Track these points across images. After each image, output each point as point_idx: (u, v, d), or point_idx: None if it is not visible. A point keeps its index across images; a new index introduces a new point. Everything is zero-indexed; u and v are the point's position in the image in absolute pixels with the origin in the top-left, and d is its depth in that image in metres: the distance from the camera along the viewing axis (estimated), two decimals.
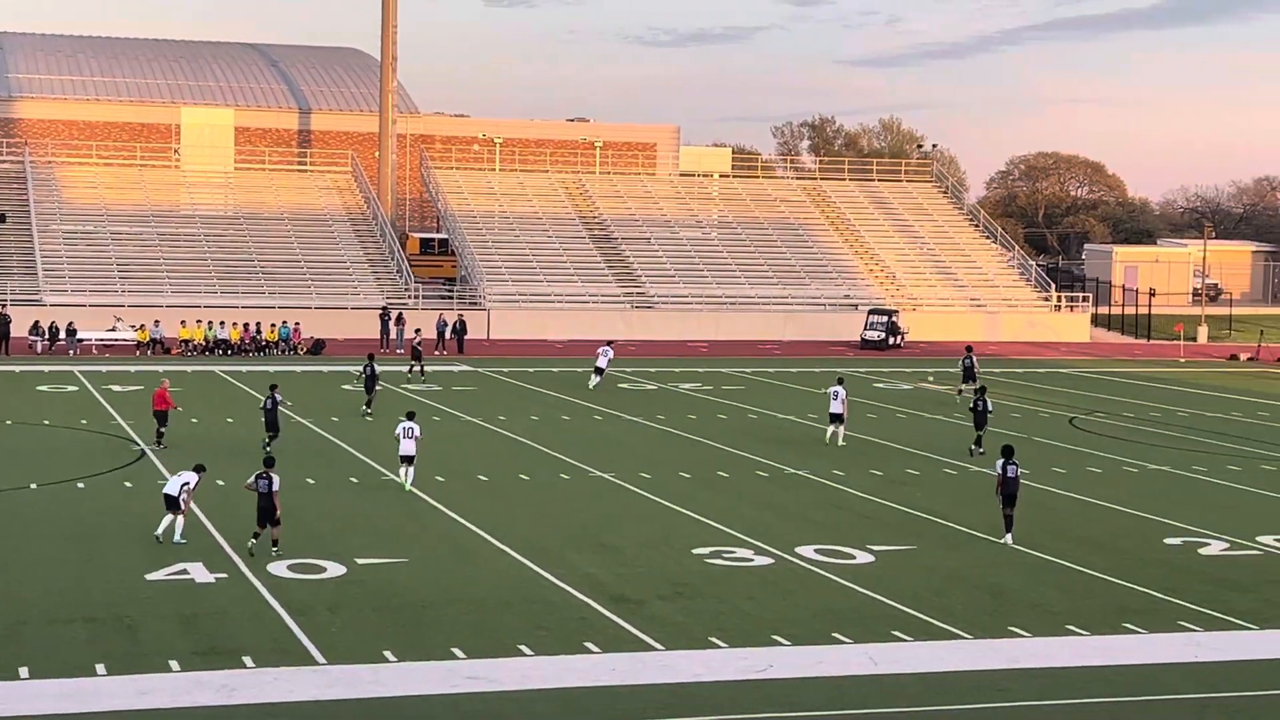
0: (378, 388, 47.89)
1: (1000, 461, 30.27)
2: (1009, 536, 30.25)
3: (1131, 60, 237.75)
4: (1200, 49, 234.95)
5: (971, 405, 43.28)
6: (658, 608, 24.89)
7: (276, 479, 28.18)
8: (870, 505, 34.46)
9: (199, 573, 26.41)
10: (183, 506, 28.66)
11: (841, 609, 25.04)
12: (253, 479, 28.36)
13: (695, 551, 29.09)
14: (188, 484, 28.76)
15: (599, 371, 56.55)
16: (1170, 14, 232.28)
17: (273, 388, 41.02)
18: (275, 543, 27.89)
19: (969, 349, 56.62)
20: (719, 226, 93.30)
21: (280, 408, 40.39)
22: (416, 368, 57.76)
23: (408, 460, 35.06)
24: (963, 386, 53.10)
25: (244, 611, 24.06)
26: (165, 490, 28.99)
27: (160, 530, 28.70)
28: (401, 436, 35.01)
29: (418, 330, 63.45)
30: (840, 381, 44.40)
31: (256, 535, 28.03)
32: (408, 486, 34.96)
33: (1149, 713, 20.45)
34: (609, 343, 59.84)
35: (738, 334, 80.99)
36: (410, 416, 35.89)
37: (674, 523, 31.95)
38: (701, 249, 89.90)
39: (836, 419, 43.33)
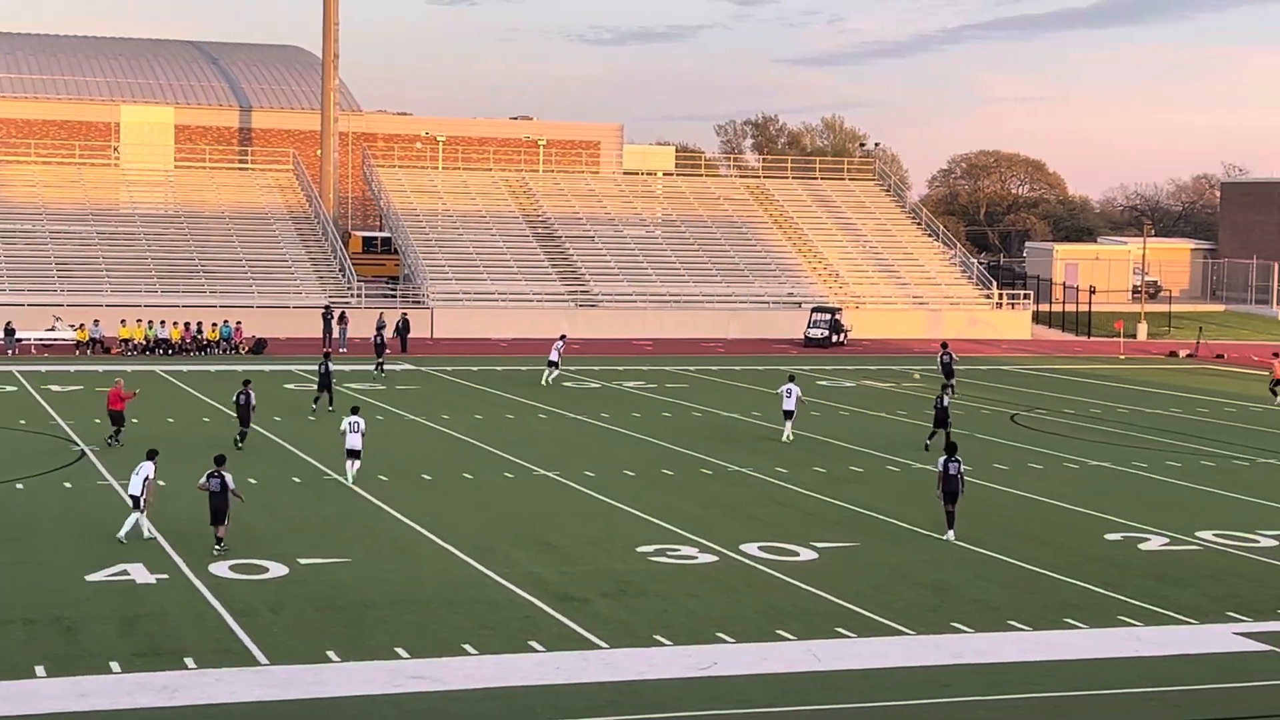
0: (334, 383, 47.72)
1: (942, 459, 30.42)
2: (951, 533, 30.39)
3: (1071, 59, 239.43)
4: (1139, 48, 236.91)
5: (935, 403, 43.53)
6: (602, 606, 24.89)
7: (229, 476, 28.10)
8: (814, 502, 34.56)
9: (139, 573, 26.21)
10: (144, 502, 28.47)
11: (785, 606, 25.11)
12: (205, 478, 28.21)
13: (639, 549, 29.10)
14: (148, 477, 28.63)
15: (553, 365, 57.01)
16: (1109, 13, 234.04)
17: (245, 383, 41.15)
18: (219, 540, 27.76)
19: (944, 345, 56.74)
20: (663, 225, 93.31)
21: (250, 404, 40.60)
22: (380, 363, 58.81)
23: (353, 455, 35.24)
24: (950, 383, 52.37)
25: (185, 612, 23.90)
26: (130, 491, 28.82)
27: (124, 531, 28.44)
28: (348, 431, 35.26)
29: (379, 328, 63.50)
30: (792, 379, 44.76)
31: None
32: (350, 482, 35.01)
33: (1091, 707, 20.59)
34: (561, 337, 60.21)
35: (682, 332, 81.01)
36: (355, 411, 36.07)
37: (618, 521, 31.95)
38: (645, 247, 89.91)
39: (789, 415, 43.70)
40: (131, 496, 28.70)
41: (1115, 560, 29.17)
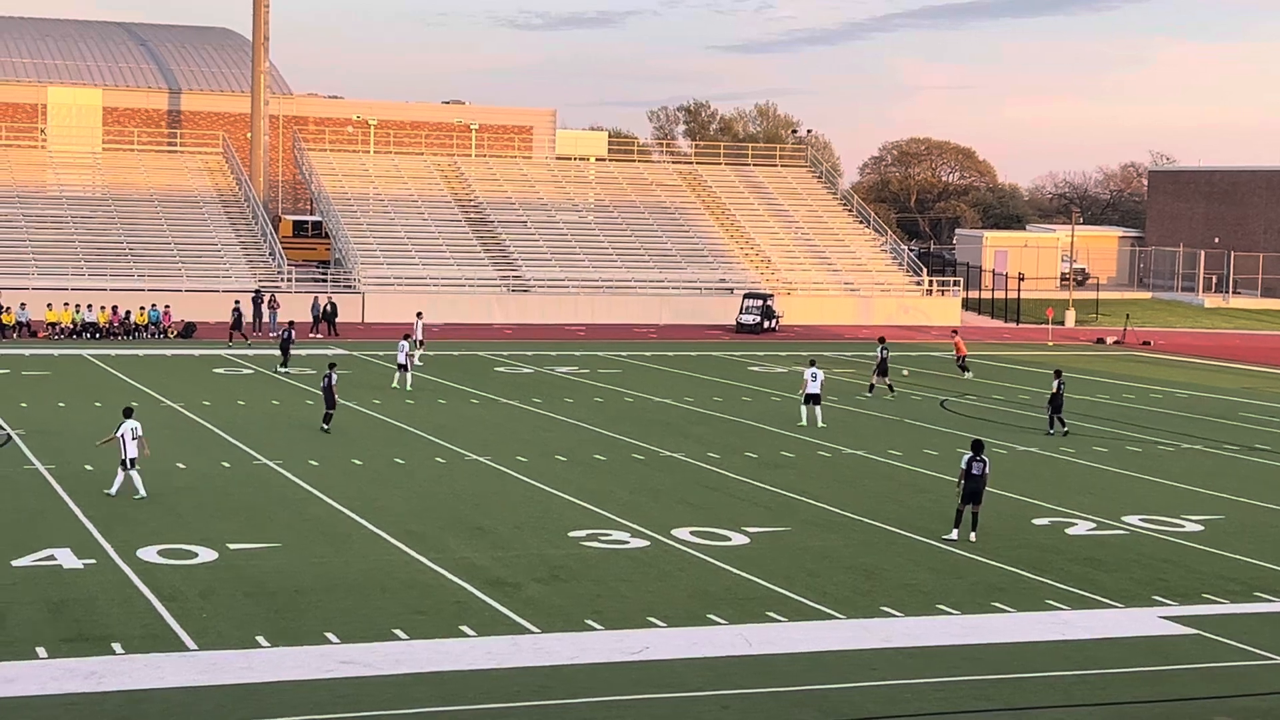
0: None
1: (966, 456, 29.46)
2: (972, 534, 29.28)
3: (1000, 48, 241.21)
4: (1066, 38, 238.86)
5: (1054, 390, 44.26)
6: (534, 591, 24.88)
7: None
8: (745, 487, 34.66)
9: (67, 559, 25.98)
10: (135, 460, 30.66)
11: (716, 590, 25.18)
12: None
13: (571, 534, 29.10)
14: (138, 437, 30.73)
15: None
16: (1035, 3, 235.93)
17: (331, 366, 42.02)
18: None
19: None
20: (595, 210, 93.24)
21: (333, 386, 41.41)
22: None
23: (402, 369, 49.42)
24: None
25: (113, 598, 23.71)
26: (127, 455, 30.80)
27: (114, 488, 30.88)
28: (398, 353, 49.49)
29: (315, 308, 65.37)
30: (813, 363, 45.99)
31: None
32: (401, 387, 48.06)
33: (1018, 690, 20.77)
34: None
35: (614, 318, 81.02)
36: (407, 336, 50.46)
37: (550, 506, 31.94)
38: (578, 233, 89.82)
39: (814, 399, 44.23)
40: (129, 459, 30.62)
41: (1043, 545, 29.43)
